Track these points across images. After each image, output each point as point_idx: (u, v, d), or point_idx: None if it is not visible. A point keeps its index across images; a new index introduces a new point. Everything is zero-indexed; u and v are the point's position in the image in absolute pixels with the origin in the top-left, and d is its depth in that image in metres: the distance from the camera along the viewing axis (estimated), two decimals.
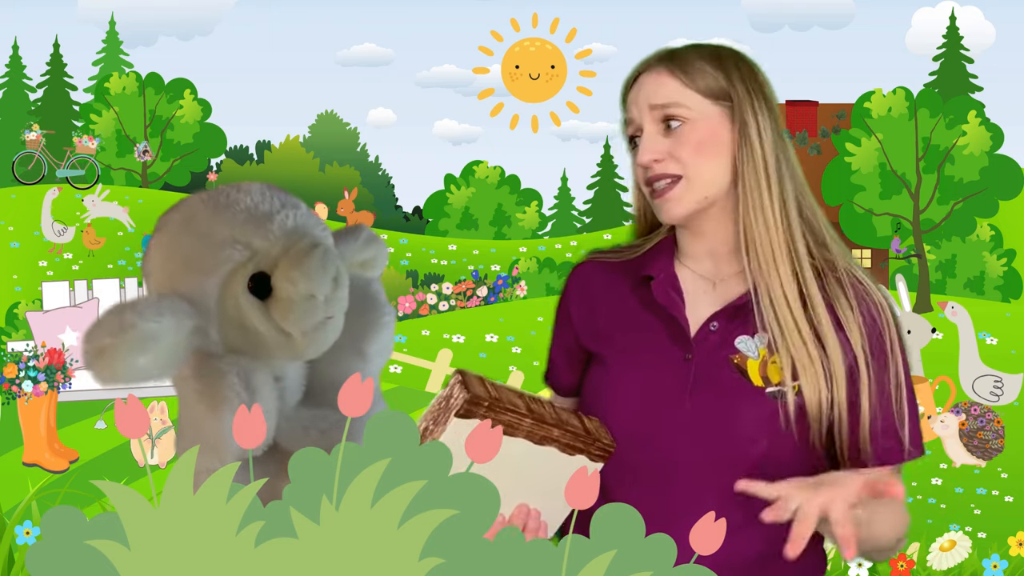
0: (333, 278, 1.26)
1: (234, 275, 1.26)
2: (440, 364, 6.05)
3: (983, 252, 6.99)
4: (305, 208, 1.32)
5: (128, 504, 0.91)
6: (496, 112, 6.48)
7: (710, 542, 0.96)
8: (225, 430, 1.21)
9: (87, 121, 7.47)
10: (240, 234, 1.26)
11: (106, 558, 0.90)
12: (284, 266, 1.25)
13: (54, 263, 6.93)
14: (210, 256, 1.26)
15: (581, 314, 1.82)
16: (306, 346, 1.28)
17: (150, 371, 1.22)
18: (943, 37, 7.42)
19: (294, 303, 1.25)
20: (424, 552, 0.90)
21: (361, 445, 0.91)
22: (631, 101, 1.75)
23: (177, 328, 1.23)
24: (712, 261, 1.75)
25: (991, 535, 5.20)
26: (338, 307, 1.28)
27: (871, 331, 1.69)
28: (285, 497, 0.91)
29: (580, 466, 1.38)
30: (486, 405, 1.44)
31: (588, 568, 0.92)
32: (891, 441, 1.69)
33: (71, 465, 5.69)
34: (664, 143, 1.70)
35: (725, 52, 1.75)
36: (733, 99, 1.71)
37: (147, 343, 1.21)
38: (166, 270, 1.29)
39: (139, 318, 1.21)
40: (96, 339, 1.21)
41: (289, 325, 1.26)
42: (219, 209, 1.28)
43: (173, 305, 1.24)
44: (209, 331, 1.27)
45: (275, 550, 0.90)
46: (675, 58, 1.73)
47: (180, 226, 1.29)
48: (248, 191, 1.30)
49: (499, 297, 6.97)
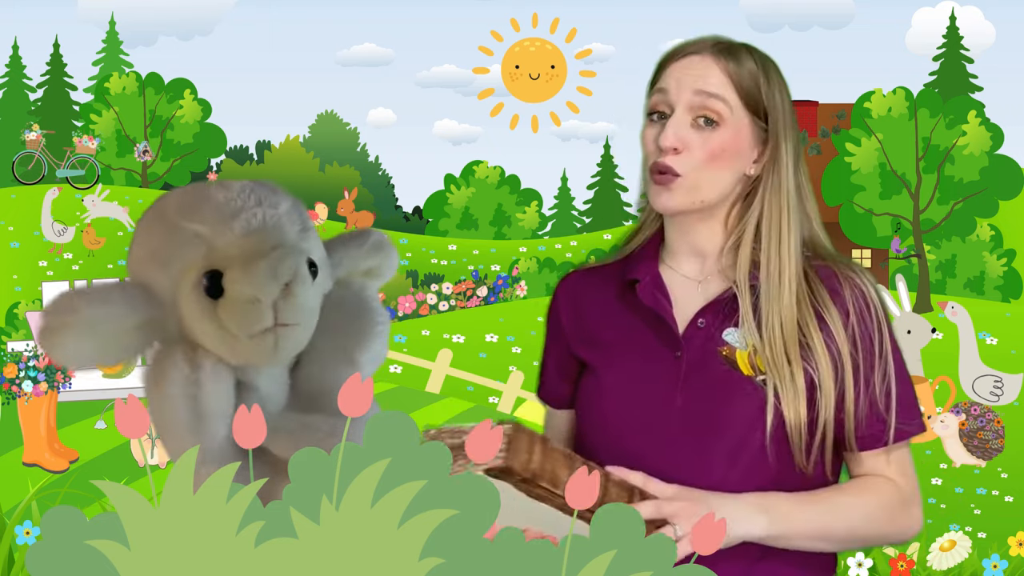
0: (285, 283, 1.20)
1: (188, 271, 1.24)
2: (440, 364, 6.05)
3: (983, 252, 6.99)
4: (288, 207, 1.27)
5: (128, 504, 0.91)
6: (496, 112, 6.48)
7: (710, 542, 0.96)
8: (170, 407, 1.20)
9: (87, 121, 7.47)
10: (203, 229, 1.24)
11: (106, 558, 0.90)
12: (234, 266, 1.22)
13: (54, 263, 6.93)
14: (172, 250, 1.25)
15: (571, 322, 1.82)
16: (252, 351, 1.23)
17: (95, 357, 1.22)
18: (943, 37, 7.41)
19: (236, 305, 1.21)
20: (424, 552, 0.90)
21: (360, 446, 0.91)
22: (673, 75, 1.70)
23: (124, 317, 1.23)
24: (698, 260, 1.76)
25: (991, 535, 5.19)
26: (296, 314, 1.22)
27: (860, 315, 1.69)
28: (285, 497, 0.91)
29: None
30: (518, 479, 1.37)
31: (588, 568, 0.92)
32: (877, 427, 1.69)
33: (71, 465, 5.69)
34: (689, 133, 1.67)
35: (772, 65, 1.72)
36: (770, 119, 1.69)
37: (92, 327, 1.21)
38: (134, 261, 1.29)
39: (84, 303, 1.22)
40: (46, 318, 1.22)
41: (232, 327, 1.22)
42: (191, 203, 1.26)
43: (126, 293, 1.24)
44: (167, 325, 1.25)
45: (275, 550, 0.90)
46: (731, 53, 1.69)
47: (153, 218, 1.29)
48: (228, 188, 1.27)
49: (499, 297, 6.97)
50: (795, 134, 1.71)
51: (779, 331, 1.65)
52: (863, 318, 1.69)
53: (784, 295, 1.66)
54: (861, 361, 1.67)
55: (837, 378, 1.65)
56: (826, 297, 1.68)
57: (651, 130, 1.71)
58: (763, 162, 1.71)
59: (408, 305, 6.78)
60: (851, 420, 1.66)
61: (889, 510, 1.69)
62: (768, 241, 1.68)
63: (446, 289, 6.91)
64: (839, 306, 1.68)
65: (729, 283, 1.71)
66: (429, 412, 5.87)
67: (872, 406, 1.68)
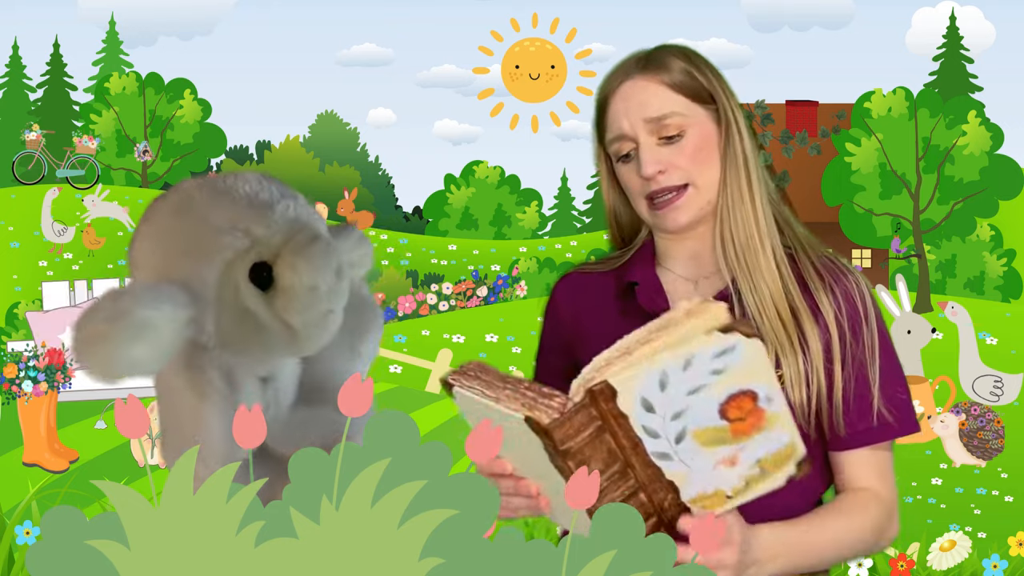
0: (335, 270, 1.22)
1: (235, 263, 1.20)
2: (440, 364, 6.05)
3: (983, 252, 6.99)
4: (303, 200, 1.28)
5: (128, 504, 0.91)
6: (496, 112, 6.49)
7: (709, 542, 0.96)
8: (207, 427, 1.17)
9: (87, 121, 7.48)
10: (240, 221, 1.21)
11: (106, 558, 0.90)
12: (287, 255, 1.20)
13: (54, 263, 6.93)
14: (209, 242, 1.20)
15: (570, 320, 1.82)
16: (307, 339, 1.23)
17: (145, 363, 1.16)
18: (943, 37, 7.42)
19: (297, 293, 1.20)
20: (424, 552, 0.90)
21: (360, 445, 0.92)
22: (619, 114, 1.72)
23: (175, 317, 1.17)
24: (694, 262, 1.77)
25: (991, 535, 5.20)
26: (339, 300, 1.24)
27: (850, 312, 1.69)
28: (285, 497, 0.91)
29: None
30: (551, 445, 1.35)
31: (588, 568, 0.92)
32: (865, 423, 1.69)
33: (71, 465, 5.69)
34: (663, 153, 1.69)
35: (692, 52, 1.76)
36: (717, 100, 1.72)
37: (144, 332, 1.14)
38: (159, 257, 1.22)
39: (136, 304, 1.14)
40: (90, 325, 1.13)
41: (291, 316, 1.21)
42: (217, 194, 1.23)
43: (171, 293, 1.18)
44: (204, 322, 1.21)
45: (275, 550, 0.90)
46: (655, 63, 1.72)
47: (174, 211, 1.23)
48: (245, 179, 1.25)
49: (499, 297, 6.97)
50: (739, 104, 1.74)
51: (771, 304, 1.66)
52: (853, 316, 1.70)
53: (762, 266, 1.68)
54: (851, 356, 1.68)
55: (827, 370, 1.66)
56: (820, 290, 1.69)
57: (627, 169, 1.73)
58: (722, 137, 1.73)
59: (408, 305, 6.78)
60: (839, 415, 1.67)
61: (878, 529, 1.70)
62: (733, 213, 1.70)
63: (446, 289, 6.91)
64: (833, 300, 1.69)
65: (725, 282, 1.72)
66: (429, 412, 5.87)
67: (860, 402, 1.68)
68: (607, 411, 1.34)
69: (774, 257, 1.70)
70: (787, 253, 1.72)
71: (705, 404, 1.35)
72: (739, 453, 1.40)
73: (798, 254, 1.73)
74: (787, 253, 1.72)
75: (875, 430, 1.69)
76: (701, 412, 1.36)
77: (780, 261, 1.70)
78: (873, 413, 1.68)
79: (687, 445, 1.37)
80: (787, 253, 1.72)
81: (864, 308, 1.71)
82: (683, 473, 1.39)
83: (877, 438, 1.69)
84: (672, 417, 1.35)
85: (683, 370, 1.33)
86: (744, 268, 1.69)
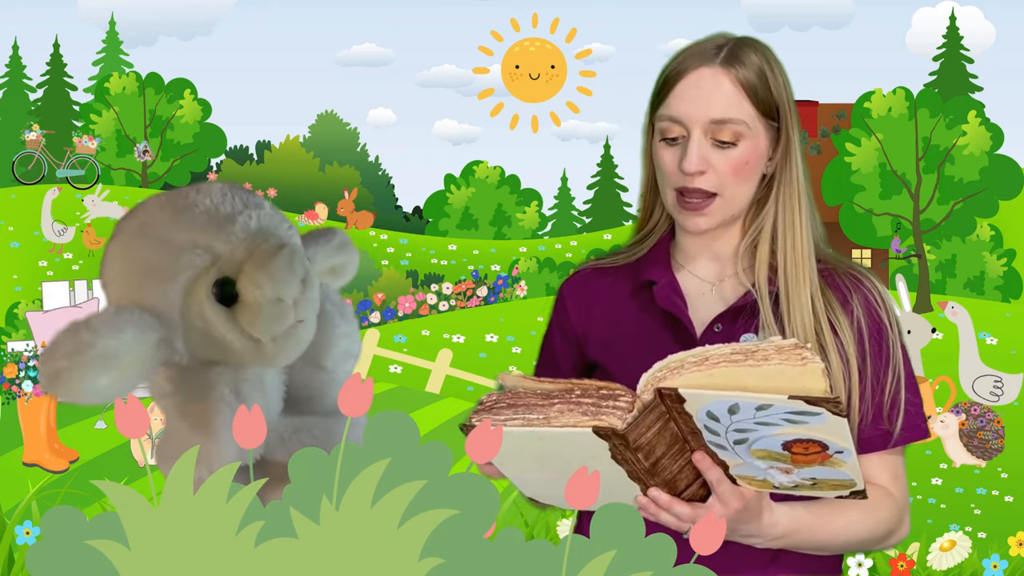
0: (301, 280, 1.20)
1: (197, 282, 1.20)
2: (440, 364, 6.05)
3: (983, 252, 6.99)
4: (269, 208, 1.26)
5: (128, 504, 0.91)
6: (496, 112, 6.48)
7: (710, 542, 0.96)
8: (220, 446, 1.16)
9: (87, 121, 7.47)
10: (201, 238, 1.20)
11: (106, 558, 0.90)
12: (249, 269, 1.19)
13: (54, 263, 6.92)
14: (170, 262, 1.20)
15: (580, 318, 1.81)
16: (277, 352, 1.22)
17: (111, 391, 1.16)
18: (943, 37, 7.41)
19: (261, 308, 1.19)
20: (424, 552, 0.90)
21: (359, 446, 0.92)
22: (683, 99, 1.66)
23: (140, 342, 1.17)
24: (714, 264, 1.75)
25: (991, 535, 5.19)
26: (308, 309, 1.22)
27: (871, 322, 1.69)
28: (285, 497, 0.91)
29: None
30: (621, 443, 1.37)
31: (588, 568, 0.92)
32: (880, 429, 1.69)
33: (71, 465, 5.69)
34: (710, 152, 1.65)
35: (773, 56, 1.71)
36: (780, 119, 1.69)
37: (107, 362, 1.15)
38: (125, 278, 1.23)
39: (95, 336, 1.14)
40: (51, 361, 1.14)
41: (257, 331, 1.20)
42: (177, 212, 1.22)
43: (133, 318, 1.18)
44: (174, 342, 1.21)
45: (275, 550, 0.90)
46: (737, 59, 1.67)
47: (136, 231, 1.23)
48: (207, 192, 1.24)
49: (499, 297, 6.97)
50: (798, 122, 1.71)
51: (801, 334, 1.65)
52: (871, 324, 1.69)
53: (803, 295, 1.67)
54: (869, 366, 1.68)
55: (846, 382, 1.66)
56: (834, 301, 1.69)
57: (668, 153, 1.68)
58: (776, 159, 1.71)
59: (408, 305, 6.78)
60: (854, 423, 1.67)
61: (888, 527, 1.70)
62: (784, 239, 1.68)
63: (446, 289, 6.91)
64: (848, 311, 1.69)
65: (744, 287, 1.71)
66: (429, 412, 5.87)
67: (877, 410, 1.68)
68: (672, 407, 1.37)
69: (809, 281, 1.69)
70: (820, 268, 1.72)
71: (771, 438, 1.37)
72: (796, 470, 1.41)
73: (827, 265, 1.73)
74: (820, 268, 1.72)
75: (889, 436, 1.69)
76: (765, 441, 1.37)
77: (813, 285, 1.70)
78: (889, 419, 1.69)
79: (743, 450, 1.39)
80: (820, 268, 1.72)
81: (885, 317, 1.71)
82: (737, 463, 1.42)
83: (891, 444, 1.70)
84: (735, 432, 1.37)
85: (757, 409, 1.34)
86: (784, 284, 1.68)
